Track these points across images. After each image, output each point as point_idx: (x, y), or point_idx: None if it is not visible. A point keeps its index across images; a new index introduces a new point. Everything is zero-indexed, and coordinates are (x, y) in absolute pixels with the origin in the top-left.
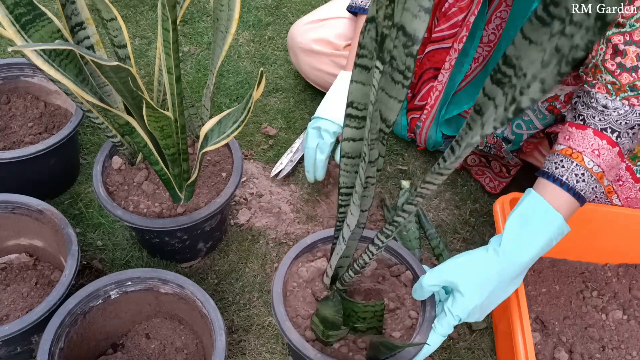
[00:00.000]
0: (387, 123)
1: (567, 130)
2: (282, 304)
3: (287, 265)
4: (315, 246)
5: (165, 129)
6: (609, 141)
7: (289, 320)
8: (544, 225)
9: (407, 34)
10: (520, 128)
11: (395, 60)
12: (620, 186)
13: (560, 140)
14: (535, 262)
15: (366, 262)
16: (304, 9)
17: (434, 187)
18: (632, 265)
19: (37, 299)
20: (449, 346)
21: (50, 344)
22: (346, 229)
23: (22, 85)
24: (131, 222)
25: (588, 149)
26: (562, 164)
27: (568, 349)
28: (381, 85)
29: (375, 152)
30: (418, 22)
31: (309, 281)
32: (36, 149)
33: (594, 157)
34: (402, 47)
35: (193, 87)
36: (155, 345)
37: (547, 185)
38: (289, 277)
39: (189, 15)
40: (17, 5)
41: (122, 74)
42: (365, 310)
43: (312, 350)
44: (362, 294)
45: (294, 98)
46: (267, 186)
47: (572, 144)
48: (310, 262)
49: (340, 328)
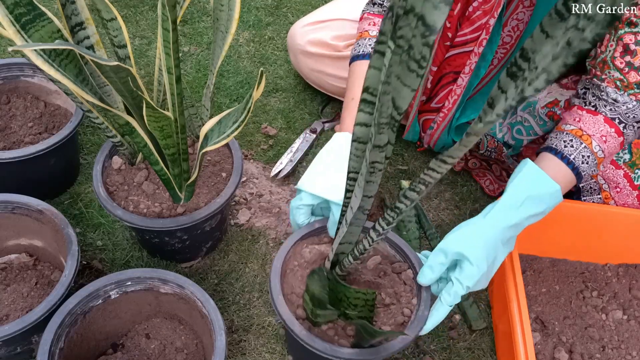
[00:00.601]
0: (398, 110)
1: (577, 113)
2: (279, 279)
3: (291, 243)
4: (324, 231)
5: (165, 129)
6: (616, 130)
7: (282, 295)
8: (541, 192)
9: (426, 24)
10: (521, 134)
11: (412, 49)
12: (617, 193)
13: (569, 121)
14: (536, 262)
15: (365, 248)
16: (304, 9)
17: (437, 176)
18: (632, 265)
19: (37, 299)
20: (449, 346)
21: (50, 344)
22: (349, 212)
23: (22, 85)
24: (131, 222)
25: (597, 134)
26: (571, 144)
27: (568, 349)
28: (396, 73)
29: (384, 137)
30: (438, 13)
31: (311, 263)
32: (36, 149)
33: (601, 142)
34: (420, 36)
35: (193, 87)
36: (155, 345)
37: (552, 160)
38: (292, 255)
39: (189, 15)
40: (17, 5)
41: (122, 74)
42: (357, 297)
43: (299, 326)
44: (361, 285)
45: (294, 98)
46: (267, 186)
47: (583, 126)
48: (315, 245)
49: (327, 307)
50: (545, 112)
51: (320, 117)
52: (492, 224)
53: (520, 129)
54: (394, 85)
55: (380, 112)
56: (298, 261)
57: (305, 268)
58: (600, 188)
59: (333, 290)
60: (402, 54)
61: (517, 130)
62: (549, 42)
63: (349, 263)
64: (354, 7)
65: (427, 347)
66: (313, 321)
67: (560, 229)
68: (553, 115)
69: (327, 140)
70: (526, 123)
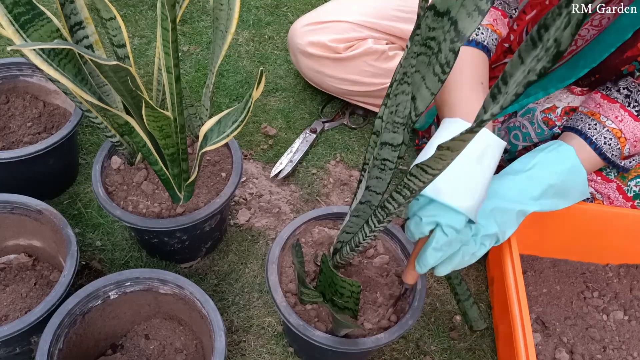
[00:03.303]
0: (416, 112)
1: (619, 111)
2: (280, 249)
3: (305, 219)
4: (340, 217)
5: (164, 129)
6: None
7: (276, 264)
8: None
9: (457, 30)
10: (517, 139)
11: (441, 52)
12: (610, 204)
13: (610, 116)
14: (536, 263)
15: (360, 242)
16: (304, 8)
17: (421, 184)
18: (633, 266)
19: (36, 300)
20: (450, 347)
21: (49, 344)
22: (355, 202)
23: (21, 85)
24: (130, 222)
25: (632, 138)
26: (609, 143)
27: (569, 349)
28: (422, 73)
29: (399, 136)
30: (469, 21)
31: (317, 244)
32: (35, 148)
33: (631, 146)
34: (450, 41)
35: (192, 87)
36: (155, 346)
37: (587, 151)
38: (302, 231)
39: (189, 15)
40: (16, 4)
41: (121, 74)
42: (343, 286)
43: (281, 296)
44: (360, 279)
45: (294, 98)
46: (266, 186)
47: (624, 128)
48: (326, 227)
49: (306, 286)
50: (541, 117)
51: (320, 117)
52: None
53: (518, 134)
54: (417, 86)
55: (396, 110)
56: (305, 238)
57: (310, 247)
58: (593, 198)
59: (326, 274)
60: (431, 55)
61: (515, 135)
62: (520, 68)
63: (347, 252)
64: (354, 8)
65: (428, 348)
66: (299, 298)
67: (561, 229)
68: (548, 121)
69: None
70: (524, 129)
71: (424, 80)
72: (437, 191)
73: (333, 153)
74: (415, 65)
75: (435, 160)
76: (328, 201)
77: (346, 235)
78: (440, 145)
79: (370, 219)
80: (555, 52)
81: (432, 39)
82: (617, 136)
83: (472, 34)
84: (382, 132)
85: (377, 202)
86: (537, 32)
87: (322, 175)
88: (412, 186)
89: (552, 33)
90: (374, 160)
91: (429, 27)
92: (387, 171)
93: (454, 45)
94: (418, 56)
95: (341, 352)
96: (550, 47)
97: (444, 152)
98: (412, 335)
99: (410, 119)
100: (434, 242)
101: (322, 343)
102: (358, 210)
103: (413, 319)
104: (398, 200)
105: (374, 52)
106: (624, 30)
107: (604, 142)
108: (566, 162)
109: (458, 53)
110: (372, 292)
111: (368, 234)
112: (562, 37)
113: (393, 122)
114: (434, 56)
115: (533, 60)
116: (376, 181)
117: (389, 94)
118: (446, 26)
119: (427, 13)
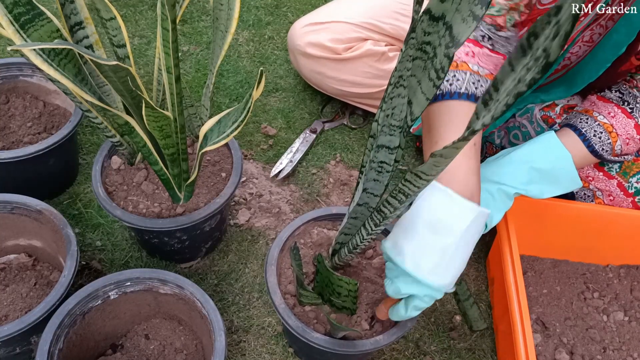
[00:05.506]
0: (412, 116)
1: (612, 108)
2: (279, 251)
3: (304, 220)
4: (339, 218)
5: (164, 129)
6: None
7: (275, 266)
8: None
9: (452, 35)
10: (517, 138)
11: (436, 57)
12: (611, 201)
13: (602, 111)
14: (537, 263)
15: (358, 244)
16: (304, 8)
17: (416, 190)
18: (633, 267)
19: (36, 300)
20: (450, 347)
21: (49, 344)
22: (352, 204)
23: (21, 85)
24: (130, 222)
25: (624, 135)
26: (599, 136)
27: (569, 350)
28: (418, 78)
29: (395, 139)
30: (464, 27)
31: (316, 245)
32: (35, 148)
33: (623, 143)
34: (445, 46)
35: (192, 87)
36: (155, 346)
37: (576, 142)
38: (301, 232)
39: (189, 15)
40: (16, 4)
41: (121, 74)
42: (340, 285)
43: (280, 298)
44: (360, 279)
45: (294, 98)
46: (266, 186)
47: (615, 124)
48: (325, 229)
49: (305, 288)
50: (540, 116)
51: (320, 117)
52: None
53: (517, 133)
54: (414, 90)
55: (392, 113)
56: (304, 239)
57: (310, 248)
58: (593, 195)
59: (323, 274)
60: (426, 60)
61: (514, 135)
62: (511, 76)
63: (345, 254)
64: (354, 9)
65: (428, 348)
66: (298, 299)
67: (561, 230)
68: (547, 119)
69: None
70: (523, 129)
71: (420, 84)
72: (416, 267)
73: (333, 153)
74: (412, 70)
75: (430, 167)
76: (328, 201)
77: (344, 237)
78: (434, 153)
79: (367, 221)
80: (545, 63)
81: (428, 44)
82: (608, 130)
83: (464, 86)
84: (378, 135)
85: (374, 204)
86: (526, 39)
87: (322, 175)
88: (407, 191)
89: (542, 42)
90: (370, 163)
91: (425, 32)
92: (384, 174)
93: (448, 50)
94: (414, 60)
95: (340, 354)
96: (539, 57)
97: (438, 160)
98: (412, 335)
99: (407, 123)
100: (412, 308)
101: (321, 345)
102: (356, 212)
103: (412, 321)
104: (393, 204)
105: (373, 53)
106: (618, 46)
107: (594, 134)
108: (546, 144)
109: (452, 59)
110: (371, 292)
111: (366, 237)
112: (551, 48)
113: (389, 125)
114: (429, 61)
115: (523, 69)
116: (373, 183)
117: (385, 97)
118: (441, 31)
119: (422, 17)
